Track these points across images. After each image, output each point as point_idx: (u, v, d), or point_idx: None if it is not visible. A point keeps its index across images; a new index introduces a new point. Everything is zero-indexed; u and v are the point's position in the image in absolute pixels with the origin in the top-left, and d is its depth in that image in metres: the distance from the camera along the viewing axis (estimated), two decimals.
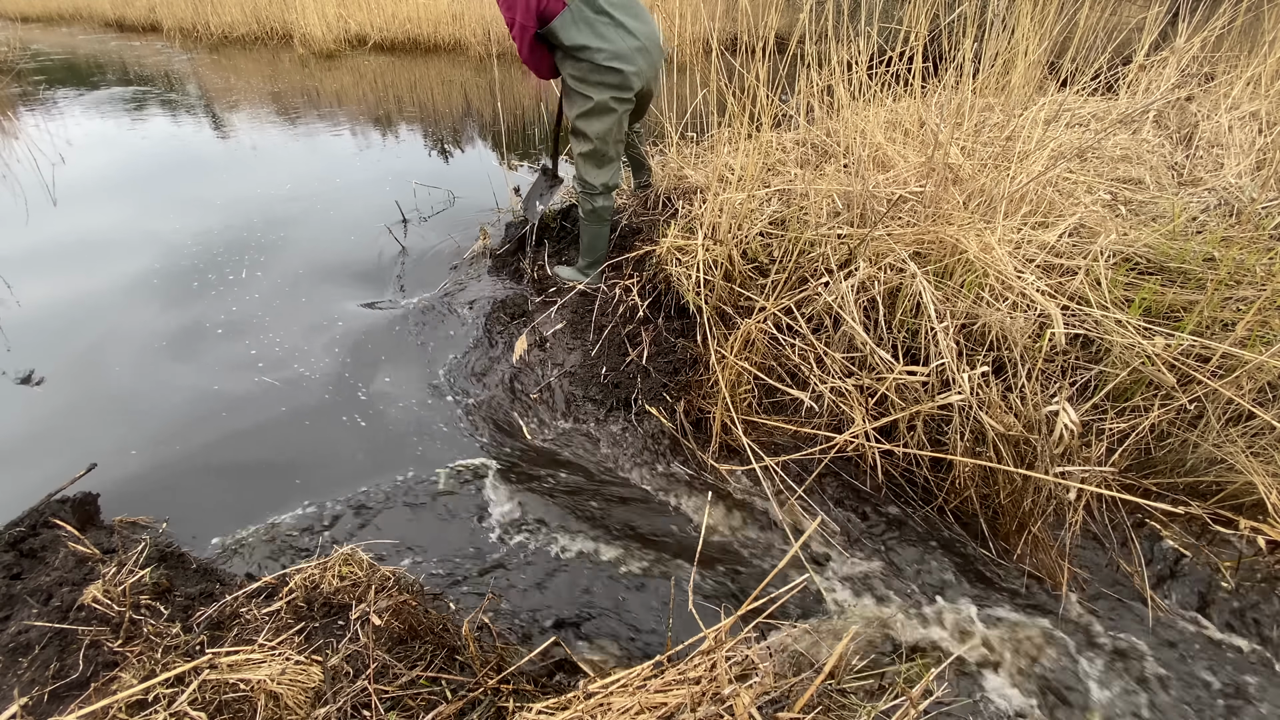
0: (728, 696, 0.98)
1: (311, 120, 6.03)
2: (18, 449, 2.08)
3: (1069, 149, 2.32)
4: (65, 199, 4.06)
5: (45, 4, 15.21)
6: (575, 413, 2.21)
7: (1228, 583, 1.60)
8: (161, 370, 2.44)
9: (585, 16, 2.07)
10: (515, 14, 2.08)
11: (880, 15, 2.65)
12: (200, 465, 2.01)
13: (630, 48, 2.11)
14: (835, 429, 1.82)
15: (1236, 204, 2.19)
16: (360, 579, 1.42)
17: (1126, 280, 1.90)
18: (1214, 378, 1.56)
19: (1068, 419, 1.41)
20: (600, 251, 2.56)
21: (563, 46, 2.12)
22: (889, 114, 2.71)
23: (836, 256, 2.01)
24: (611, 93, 2.15)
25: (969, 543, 1.75)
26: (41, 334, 2.66)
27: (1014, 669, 1.44)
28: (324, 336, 2.64)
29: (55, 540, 1.57)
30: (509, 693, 1.21)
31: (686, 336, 2.24)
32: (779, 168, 2.64)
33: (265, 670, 1.17)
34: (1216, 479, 1.64)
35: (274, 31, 10.44)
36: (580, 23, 2.06)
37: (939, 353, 1.68)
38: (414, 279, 3.12)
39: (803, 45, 2.45)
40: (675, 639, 1.18)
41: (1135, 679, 1.43)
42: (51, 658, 1.28)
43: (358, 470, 2.00)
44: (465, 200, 4.01)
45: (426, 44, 9.49)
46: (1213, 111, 2.97)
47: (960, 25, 2.40)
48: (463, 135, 5.73)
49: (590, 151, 2.30)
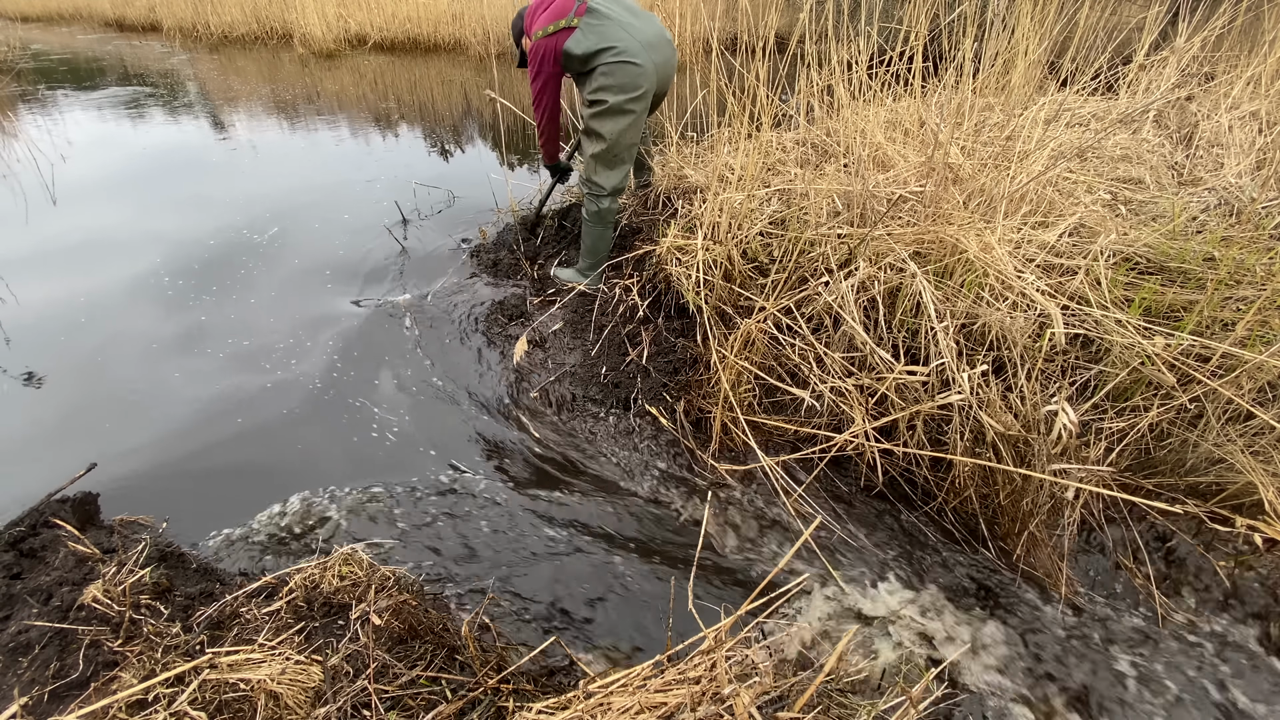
0: (728, 696, 0.98)
1: (311, 120, 6.03)
2: (18, 449, 2.08)
3: (1069, 149, 2.32)
4: (65, 199, 4.06)
5: (45, 4, 15.21)
6: (575, 412, 2.21)
7: (1225, 581, 1.60)
8: (161, 370, 2.44)
9: (592, 27, 2.21)
10: (541, 77, 2.32)
11: (880, 15, 2.65)
12: (200, 465, 2.01)
13: (638, 43, 2.20)
14: (835, 429, 1.82)
15: (1236, 204, 2.19)
16: (360, 579, 1.42)
17: (1126, 280, 1.89)
18: (1214, 377, 1.56)
19: (1067, 419, 1.41)
20: (601, 254, 2.57)
21: (582, 60, 2.23)
22: (889, 114, 2.71)
23: (836, 256, 2.01)
24: (627, 95, 2.24)
25: (969, 542, 1.75)
26: (41, 334, 2.66)
27: (1014, 669, 1.44)
28: (324, 337, 2.64)
29: (55, 540, 1.57)
30: (509, 693, 1.21)
31: (686, 336, 2.24)
32: (779, 168, 2.64)
33: (265, 670, 1.17)
34: (1216, 479, 1.64)
35: (274, 31, 10.44)
36: (589, 33, 2.21)
37: (939, 352, 1.68)
38: (414, 279, 3.12)
39: (803, 45, 2.45)
40: (675, 639, 1.18)
41: (1134, 679, 1.43)
42: (51, 657, 1.28)
43: (358, 470, 2.00)
44: (465, 200, 4.01)
45: (426, 44, 9.49)
46: (1213, 111, 2.97)
47: (960, 25, 2.40)
48: (463, 135, 5.73)
49: (603, 152, 2.35)
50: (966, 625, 1.53)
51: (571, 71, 2.34)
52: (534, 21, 2.33)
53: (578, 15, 2.22)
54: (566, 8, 2.24)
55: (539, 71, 2.32)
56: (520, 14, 2.48)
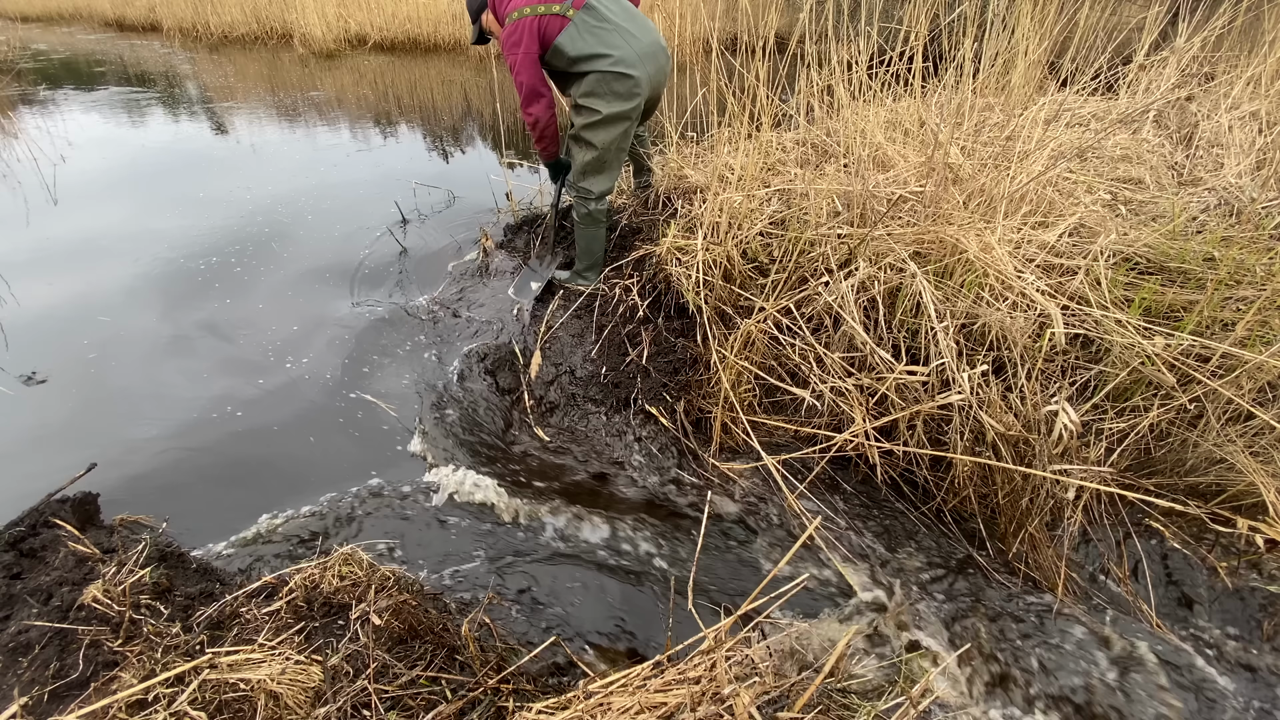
0: (728, 696, 0.98)
1: (311, 120, 6.03)
2: (18, 449, 2.08)
3: (1069, 149, 2.32)
4: (65, 199, 4.06)
5: (45, 4, 15.22)
6: (575, 412, 2.21)
7: (1226, 582, 1.60)
8: (161, 370, 2.44)
9: (590, 27, 2.13)
10: (520, 48, 2.13)
11: (880, 15, 2.65)
12: (200, 465, 2.01)
13: (636, 53, 2.15)
14: (835, 429, 1.82)
15: (1236, 204, 2.19)
16: (360, 579, 1.42)
17: (1126, 280, 1.89)
18: (1214, 378, 1.56)
19: (1067, 419, 1.41)
20: (597, 255, 2.56)
21: (571, 59, 2.16)
22: (889, 114, 2.71)
23: (836, 256, 2.01)
24: (621, 103, 2.19)
25: (969, 543, 1.75)
26: (41, 334, 2.66)
27: (1012, 668, 1.44)
28: (324, 337, 2.64)
29: (55, 540, 1.57)
30: (509, 692, 1.21)
31: (686, 336, 2.24)
32: (779, 168, 2.64)
33: (265, 670, 1.17)
34: (1216, 479, 1.64)
35: (274, 31, 10.44)
36: (586, 33, 2.13)
37: (939, 352, 1.68)
38: (414, 279, 3.12)
39: (803, 45, 2.45)
40: (675, 639, 1.18)
41: (1133, 679, 1.42)
42: (51, 657, 1.28)
43: (358, 470, 2.00)
44: (465, 200, 4.01)
45: (426, 44, 9.49)
46: (1213, 111, 2.97)
47: (960, 25, 2.40)
48: (463, 135, 5.73)
49: (594, 160, 2.32)
50: (966, 625, 1.53)
51: (553, 67, 2.22)
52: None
53: (574, 6, 2.12)
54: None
55: (515, 45, 2.15)
56: None
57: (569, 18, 2.12)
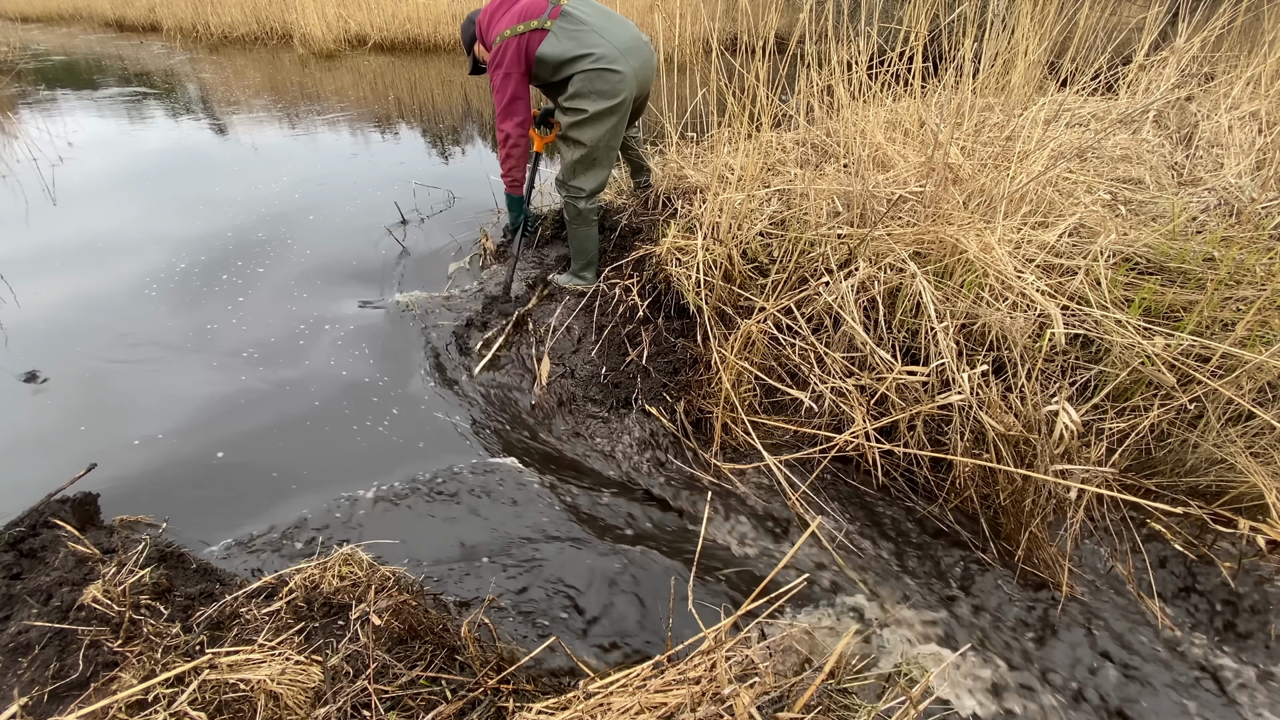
0: (728, 696, 0.98)
1: (311, 120, 6.03)
2: (18, 449, 2.08)
3: (1069, 149, 2.32)
4: (65, 199, 4.06)
5: (45, 4, 15.21)
6: (576, 413, 2.21)
7: (1227, 582, 1.60)
8: (162, 370, 2.44)
9: (568, 32, 2.17)
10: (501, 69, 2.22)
11: (880, 15, 2.65)
12: (200, 465, 2.01)
13: (618, 49, 2.18)
14: (835, 429, 1.82)
15: (1236, 204, 2.19)
16: (360, 579, 1.42)
17: (1126, 280, 1.90)
18: (1214, 378, 1.56)
19: (1068, 419, 1.41)
20: (591, 253, 2.57)
21: (554, 67, 2.20)
22: (889, 114, 2.71)
23: (836, 256, 2.01)
24: (607, 100, 2.20)
25: (969, 543, 1.75)
26: (41, 334, 2.66)
27: (1011, 667, 1.44)
28: (324, 337, 2.64)
29: (55, 540, 1.57)
30: (509, 693, 1.21)
31: (686, 336, 2.24)
32: (779, 168, 2.64)
33: (265, 670, 1.17)
34: (1217, 479, 1.64)
35: (274, 31, 10.44)
36: (565, 39, 2.17)
37: (939, 353, 1.68)
38: (415, 280, 3.12)
39: (803, 45, 2.45)
40: (675, 639, 1.18)
41: (1137, 678, 1.43)
42: (51, 658, 1.28)
43: (358, 470, 2.00)
44: (465, 200, 4.01)
45: (426, 44, 9.50)
46: (1213, 111, 2.97)
47: (960, 25, 2.40)
48: (463, 135, 5.73)
49: (583, 157, 2.33)
50: (966, 626, 1.53)
51: (541, 79, 2.28)
52: (494, 24, 2.25)
53: (551, 17, 2.17)
54: (537, 8, 2.18)
55: (496, 66, 2.21)
56: (470, 19, 2.37)
57: (547, 29, 2.18)
